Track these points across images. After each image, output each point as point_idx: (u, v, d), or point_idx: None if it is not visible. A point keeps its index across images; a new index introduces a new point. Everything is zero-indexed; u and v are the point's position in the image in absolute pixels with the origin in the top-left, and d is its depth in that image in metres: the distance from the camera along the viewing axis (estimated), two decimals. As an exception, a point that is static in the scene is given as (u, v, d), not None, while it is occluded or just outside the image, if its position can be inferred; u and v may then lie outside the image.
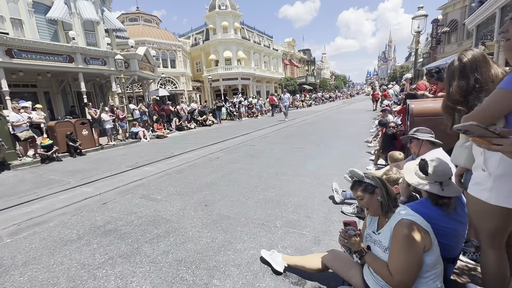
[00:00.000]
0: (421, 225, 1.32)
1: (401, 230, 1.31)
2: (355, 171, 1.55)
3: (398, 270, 1.30)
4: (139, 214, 3.27)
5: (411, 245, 1.27)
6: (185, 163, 5.93)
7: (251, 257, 2.24)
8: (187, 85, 25.44)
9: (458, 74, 1.53)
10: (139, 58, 13.27)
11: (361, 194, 1.51)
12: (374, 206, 1.49)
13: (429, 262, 1.30)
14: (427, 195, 1.57)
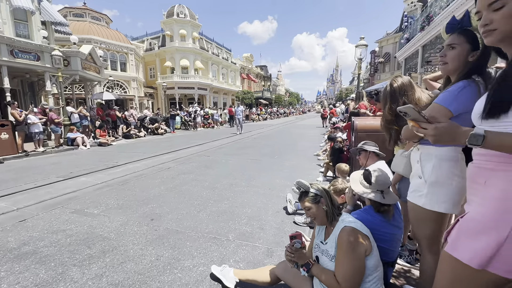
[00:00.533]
0: (362, 231, 1.39)
1: (344, 237, 1.36)
2: (302, 182, 1.59)
3: (345, 277, 1.33)
4: (68, 232, 2.80)
5: (354, 251, 1.32)
6: (131, 173, 5.40)
7: (200, 274, 2.08)
8: (139, 90, 23.87)
9: (390, 98, 1.79)
10: (82, 57, 11.99)
11: (308, 204, 1.54)
12: (320, 216, 1.53)
13: (370, 266, 1.36)
14: (370, 203, 1.69)
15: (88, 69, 12.92)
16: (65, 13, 20.52)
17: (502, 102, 0.79)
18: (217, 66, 31.91)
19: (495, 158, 0.83)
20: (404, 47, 14.47)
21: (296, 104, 72.36)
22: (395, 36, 24.57)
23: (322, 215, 1.51)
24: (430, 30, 10.39)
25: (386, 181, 1.70)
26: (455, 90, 1.20)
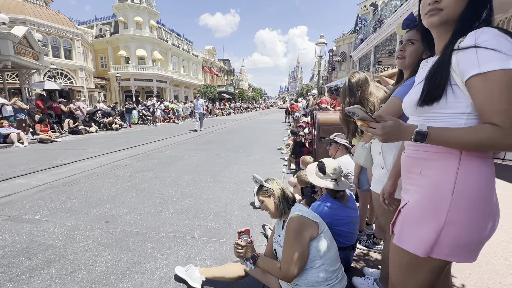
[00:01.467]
0: (308, 217, 1.45)
1: (290, 224, 1.44)
2: (256, 176, 1.63)
3: (286, 261, 1.39)
4: (1, 243, 2.39)
5: (297, 237, 1.39)
6: (80, 172, 4.86)
7: (163, 276, 1.95)
8: (88, 81, 21.58)
9: (348, 93, 1.94)
10: (15, 40, 10.33)
11: (261, 198, 1.60)
12: (271, 208, 1.58)
13: (318, 248, 1.43)
14: (326, 191, 1.81)
15: (23, 55, 11.21)
16: (-10, -13, 17.39)
17: (437, 89, 0.83)
18: (178, 58, 30.47)
19: (428, 148, 0.88)
20: (358, 47, 15.52)
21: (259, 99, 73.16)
22: (350, 37, 26.23)
23: (273, 208, 1.57)
24: (381, 32, 11.29)
25: (339, 170, 1.85)
26: (410, 84, 1.29)
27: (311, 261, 1.42)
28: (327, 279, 1.42)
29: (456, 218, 0.82)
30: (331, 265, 1.46)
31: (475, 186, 0.81)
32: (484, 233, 0.83)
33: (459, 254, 0.84)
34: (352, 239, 1.85)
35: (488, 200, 0.82)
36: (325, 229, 1.52)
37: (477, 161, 0.82)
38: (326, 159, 1.97)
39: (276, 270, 1.45)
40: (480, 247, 0.86)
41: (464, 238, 0.82)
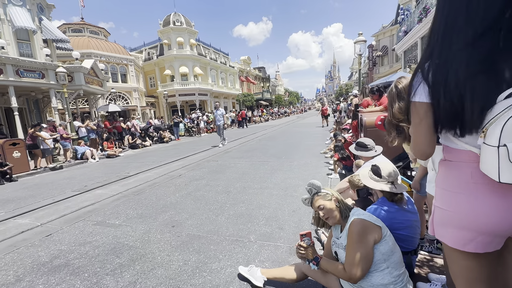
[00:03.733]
0: (371, 221, 1.49)
1: (353, 228, 1.48)
2: (314, 182, 1.68)
3: (351, 263, 1.44)
4: (95, 244, 2.90)
5: (361, 240, 1.43)
6: (144, 183, 5.51)
7: (229, 275, 2.16)
8: (140, 100, 24.11)
9: (397, 98, 1.91)
10: (85, 72, 12.20)
11: (321, 202, 1.63)
12: (333, 212, 1.61)
13: (383, 252, 1.45)
14: (382, 194, 1.81)
15: (91, 83, 13.14)
16: (64, 29, 20.85)
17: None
18: (216, 70, 32.14)
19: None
20: (402, 40, 14.51)
21: (296, 103, 72.45)
22: (391, 29, 24.59)
23: (335, 212, 1.61)
24: (428, 22, 10.42)
25: (395, 173, 1.82)
26: None
27: (375, 264, 1.46)
28: (392, 283, 1.44)
29: (439, 203, 0.99)
30: (396, 269, 1.47)
31: (447, 179, 0.97)
32: (473, 221, 0.89)
33: (448, 236, 0.96)
34: (414, 243, 1.81)
35: (464, 190, 0.91)
36: (388, 233, 1.53)
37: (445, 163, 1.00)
38: (380, 162, 1.97)
39: (340, 271, 1.51)
40: (470, 235, 0.90)
41: (447, 220, 0.95)
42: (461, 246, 0.93)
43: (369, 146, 2.86)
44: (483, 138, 0.82)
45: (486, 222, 0.87)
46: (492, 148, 0.79)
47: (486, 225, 0.87)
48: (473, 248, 0.91)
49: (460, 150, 0.94)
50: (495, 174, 0.79)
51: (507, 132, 0.76)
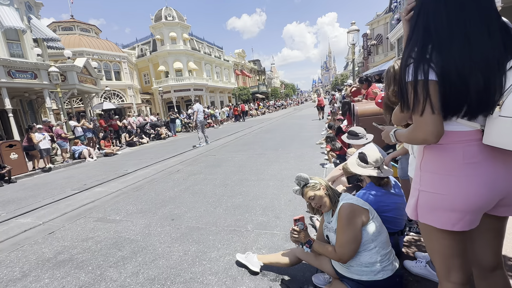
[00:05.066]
0: (359, 205, 1.59)
1: (342, 212, 1.58)
2: (301, 175, 1.76)
3: (340, 245, 1.54)
4: (97, 239, 2.98)
5: (349, 223, 1.53)
6: (143, 179, 5.58)
7: (227, 263, 2.25)
8: (136, 98, 23.94)
9: (393, 81, 1.90)
10: (78, 70, 12.09)
11: (311, 193, 1.70)
12: (324, 200, 1.70)
13: (371, 232, 1.55)
14: (370, 180, 1.90)
15: (84, 82, 13.04)
16: (54, 28, 20.47)
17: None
18: (210, 65, 31.87)
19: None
20: (395, 28, 14.47)
21: (293, 95, 72.25)
22: (385, 17, 24.43)
23: (325, 200, 1.69)
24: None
25: (380, 159, 1.91)
26: None
27: (364, 244, 1.55)
28: (379, 261, 1.53)
29: (427, 188, 1.01)
30: (383, 248, 1.57)
31: (436, 163, 0.99)
32: (456, 202, 0.94)
33: (436, 219, 1.00)
34: (400, 224, 1.91)
35: (449, 172, 0.95)
36: (375, 215, 1.63)
37: (431, 147, 1.00)
38: (366, 149, 2.06)
39: (331, 252, 1.60)
40: (459, 215, 0.94)
41: (438, 203, 0.98)
42: (449, 227, 0.96)
43: (360, 134, 2.94)
44: (499, 111, 0.84)
45: (476, 201, 0.91)
46: (509, 119, 0.81)
47: (476, 204, 0.92)
48: (460, 227, 0.95)
49: (450, 132, 0.94)
50: (510, 144, 0.82)
51: None
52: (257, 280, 1.99)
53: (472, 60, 0.86)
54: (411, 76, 0.90)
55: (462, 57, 0.86)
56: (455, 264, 1.03)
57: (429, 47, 0.90)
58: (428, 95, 0.87)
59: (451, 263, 1.03)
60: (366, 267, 1.53)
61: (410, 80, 0.90)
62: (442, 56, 0.88)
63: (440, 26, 0.89)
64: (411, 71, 0.90)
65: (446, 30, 0.88)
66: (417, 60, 0.90)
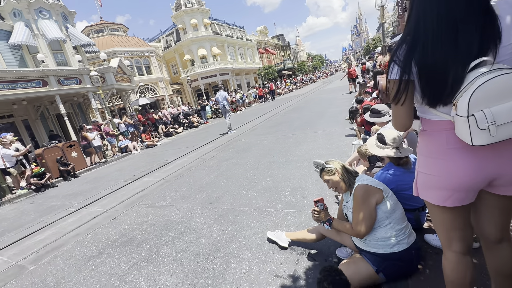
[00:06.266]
0: (373, 185, 1.69)
1: (356, 192, 1.70)
2: (317, 161, 1.89)
3: (356, 222, 1.68)
4: (150, 222, 3.51)
5: (364, 202, 1.66)
6: (182, 167, 6.13)
7: (259, 240, 2.55)
8: (167, 89, 25.12)
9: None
10: (114, 71, 13.06)
11: (327, 177, 1.85)
12: (339, 183, 1.83)
13: (385, 210, 1.66)
14: (389, 160, 1.95)
15: (120, 81, 14.07)
16: (87, 32, 22.03)
17: None
18: (234, 47, 31.61)
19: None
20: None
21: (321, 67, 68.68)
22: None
23: (340, 183, 1.83)
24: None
25: (398, 139, 1.94)
26: None
27: (379, 221, 1.68)
28: (395, 235, 1.66)
29: (421, 169, 1.14)
30: (398, 223, 1.68)
31: (426, 147, 1.11)
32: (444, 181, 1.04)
33: (430, 196, 1.12)
34: (420, 201, 1.96)
35: (435, 156, 1.06)
36: (390, 194, 1.73)
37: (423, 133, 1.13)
38: (384, 129, 2.09)
39: (349, 229, 1.77)
40: (448, 193, 1.05)
41: (429, 182, 1.10)
42: (441, 203, 1.10)
43: (383, 111, 2.91)
44: (455, 110, 0.94)
45: (459, 182, 1.02)
46: (462, 118, 0.91)
47: (459, 184, 1.03)
48: (450, 203, 1.08)
49: (435, 120, 1.05)
50: (468, 139, 0.92)
51: (473, 104, 0.87)
52: (286, 254, 2.25)
53: (451, 58, 0.92)
54: (390, 74, 1.04)
55: (444, 54, 0.93)
56: (456, 236, 1.14)
57: (417, 44, 0.97)
58: (401, 91, 1.02)
59: (451, 235, 1.15)
60: (382, 241, 1.66)
61: (389, 78, 1.04)
62: (428, 54, 0.95)
63: (429, 26, 0.94)
64: (391, 70, 1.04)
65: (435, 30, 0.93)
66: (399, 61, 1.01)
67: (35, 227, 4.33)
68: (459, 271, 1.15)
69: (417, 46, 0.97)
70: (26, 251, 3.48)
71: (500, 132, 0.88)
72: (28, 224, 4.61)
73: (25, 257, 3.33)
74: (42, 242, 3.67)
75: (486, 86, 0.85)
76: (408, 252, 1.63)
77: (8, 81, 9.42)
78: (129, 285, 2.29)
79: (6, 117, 11.68)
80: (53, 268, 2.88)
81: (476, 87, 0.86)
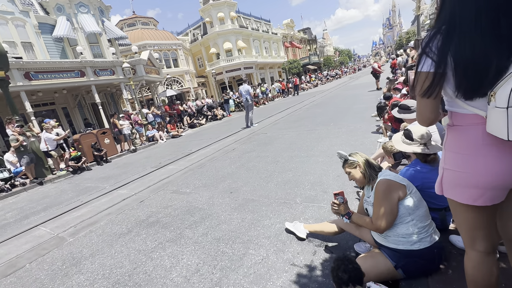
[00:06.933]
0: (396, 180, 1.66)
1: (378, 187, 1.69)
2: (340, 152, 1.90)
3: (376, 217, 1.67)
4: (174, 207, 3.71)
5: (385, 197, 1.64)
6: (204, 157, 6.34)
7: (278, 229, 2.61)
8: (192, 82, 25.76)
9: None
10: (144, 63, 13.66)
11: (348, 169, 1.87)
12: (358, 177, 1.83)
13: (407, 207, 1.63)
14: (415, 156, 1.89)
15: (149, 73, 14.70)
16: (121, 26, 23.13)
17: None
18: (259, 40, 31.48)
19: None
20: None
21: (348, 62, 66.19)
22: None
23: (359, 176, 1.82)
24: None
25: (427, 135, 1.87)
26: None
27: (400, 217, 1.66)
28: (416, 233, 1.63)
29: (450, 166, 1.09)
30: (421, 221, 1.65)
31: (457, 143, 1.06)
32: (475, 178, 1.00)
33: (459, 194, 1.08)
34: (446, 201, 1.89)
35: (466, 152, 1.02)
36: (413, 190, 1.70)
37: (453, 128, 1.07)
38: (412, 126, 2.03)
39: (368, 223, 1.77)
40: (480, 192, 1.01)
41: (460, 180, 1.06)
42: (471, 201, 1.04)
43: (413, 108, 2.79)
44: (493, 101, 0.89)
45: (494, 179, 0.97)
46: (501, 109, 0.86)
47: (493, 182, 0.98)
48: (482, 202, 1.02)
49: (467, 114, 1.00)
50: (504, 134, 0.87)
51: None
52: (304, 245, 2.29)
53: (494, 49, 0.87)
54: (422, 67, 0.99)
55: (485, 45, 0.88)
56: (480, 235, 1.10)
57: (453, 34, 0.93)
58: (435, 84, 0.98)
59: (475, 234, 1.11)
60: (403, 238, 1.64)
61: (421, 70, 1.00)
62: (466, 46, 0.90)
63: (468, 15, 0.90)
64: (422, 62, 0.98)
65: (475, 20, 0.89)
66: (433, 53, 0.96)
67: (73, 204, 4.76)
68: (482, 271, 1.12)
69: (453, 37, 0.93)
70: (66, 225, 3.86)
71: None
72: (67, 201, 5.07)
73: (64, 230, 3.69)
74: (79, 218, 4.04)
75: None
76: (430, 250, 1.59)
77: (51, 71, 10.27)
78: (155, 262, 2.47)
79: (48, 104, 12.76)
80: (88, 241, 3.17)
81: None
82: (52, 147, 7.83)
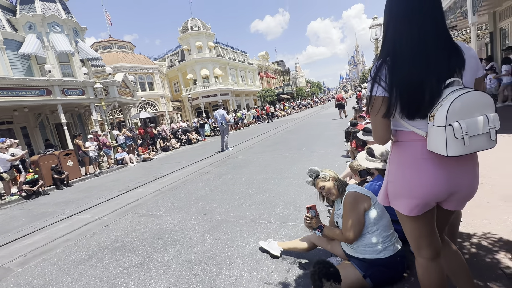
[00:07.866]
0: (361, 192, 1.82)
1: (346, 199, 1.83)
2: (313, 168, 2.02)
3: (346, 228, 1.77)
4: (143, 230, 3.50)
5: (353, 208, 1.77)
6: (177, 180, 6.16)
7: (252, 249, 2.57)
8: (167, 106, 25.55)
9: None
10: (117, 85, 13.39)
11: (321, 183, 1.96)
12: (333, 189, 1.94)
13: (372, 217, 1.77)
14: (378, 172, 2.08)
15: (123, 94, 14.37)
16: (95, 48, 22.81)
17: None
18: (235, 69, 32.78)
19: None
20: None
21: (319, 93, 70.81)
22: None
23: (334, 189, 1.94)
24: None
25: (386, 153, 2.09)
26: None
27: (366, 227, 1.78)
28: (381, 242, 1.74)
29: (392, 178, 1.19)
30: (385, 230, 1.77)
31: (398, 157, 1.17)
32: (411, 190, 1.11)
33: (400, 205, 1.17)
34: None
35: (406, 166, 1.12)
36: (377, 202, 1.84)
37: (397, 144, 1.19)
38: (374, 145, 2.25)
39: (339, 235, 1.86)
40: (416, 202, 1.11)
41: (400, 191, 1.16)
42: (407, 212, 1.14)
43: (374, 131, 3.08)
44: (432, 121, 1.02)
45: (428, 191, 1.08)
46: (440, 128, 0.98)
47: (427, 193, 1.09)
48: (417, 212, 1.13)
49: (408, 131, 1.11)
50: (443, 150, 0.98)
51: (451, 114, 0.97)
52: (278, 263, 2.28)
53: (427, 77, 1.04)
54: (376, 92, 1.12)
55: (420, 74, 1.05)
56: (423, 243, 1.21)
57: (396, 64, 1.09)
58: (377, 107, 1.10)
59: (420, 242, 1.22)
60: (370, 247, 1.74)
61: (375, 95, 1.12)
62: (406, 73, 1.06)
63: (405, 47, 1.08)
64: (375, 89, 1.12)
65: (409, 49, 1.07)
66: (382, 81, 1.10)
67: (24, 231, 4.25)
68: (430, 275, 1.21)
69: (395, 67, 1.08)
70: (13, 254, 3.41)
71: (471, 144, 0.97)
72: (17, 229, 4.53)
73: (11, 260, 3.26)
74: (30, 246, 3.61)
75: (462, 99, 0.96)
76: (393, 259, 1.70)
77: (13, 88, 9.61)
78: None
79: (5, 123, 11.72)
80: (40, 271, 2.83)
81: (454, 99, 0.96)
82: (4, 169, 7.10)
